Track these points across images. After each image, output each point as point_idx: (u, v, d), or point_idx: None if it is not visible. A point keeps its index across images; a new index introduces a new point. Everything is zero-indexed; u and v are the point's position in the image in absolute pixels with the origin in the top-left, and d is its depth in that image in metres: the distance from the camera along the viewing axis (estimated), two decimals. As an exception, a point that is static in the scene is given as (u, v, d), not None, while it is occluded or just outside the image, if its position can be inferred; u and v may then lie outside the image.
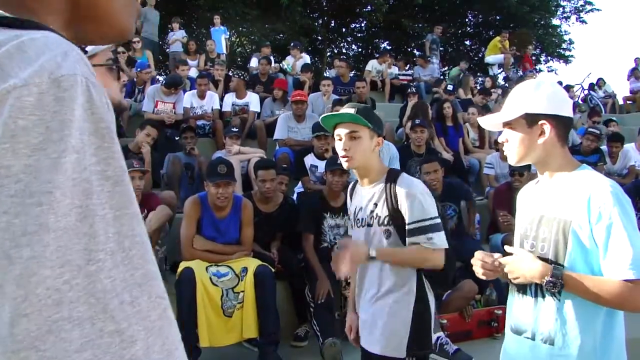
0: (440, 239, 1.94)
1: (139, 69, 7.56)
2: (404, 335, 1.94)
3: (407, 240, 1.94)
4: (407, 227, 1.94)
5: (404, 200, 1.93)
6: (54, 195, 0.44)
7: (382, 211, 1.98)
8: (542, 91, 1.58)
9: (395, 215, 1.95)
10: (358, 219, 2.10)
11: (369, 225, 2.03)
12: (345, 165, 2.01)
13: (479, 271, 1.65)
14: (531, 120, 1.55)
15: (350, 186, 2.25)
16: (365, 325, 2.08)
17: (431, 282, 2.03)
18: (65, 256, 0.44)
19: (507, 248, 1.66)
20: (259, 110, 6.86)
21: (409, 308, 1.96)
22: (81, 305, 0.45)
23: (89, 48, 1.46)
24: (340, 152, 2.00)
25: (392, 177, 1.98)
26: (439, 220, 1.94)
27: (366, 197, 2.05)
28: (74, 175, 0.46)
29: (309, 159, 5.17)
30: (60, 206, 0.45)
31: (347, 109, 2.01)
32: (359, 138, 1.97)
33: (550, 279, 1.46)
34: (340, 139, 2.00)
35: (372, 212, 2.00)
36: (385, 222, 1.97)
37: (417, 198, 1.93)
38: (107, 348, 0.45)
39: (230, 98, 6.85)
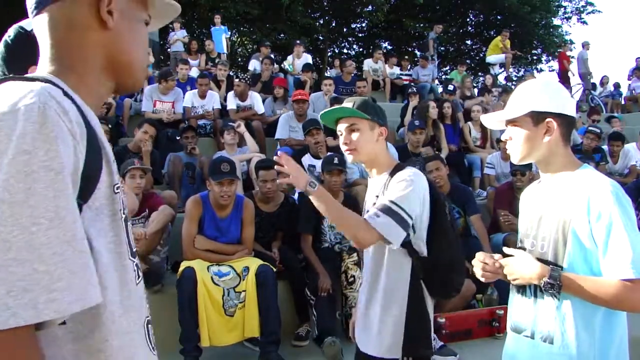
0: (384, 225, 1.77)
1: None
2: (399, 336, 1.90)
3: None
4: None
5: (393, 183, 1.87)
6: (8, 181, 0.70)
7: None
8: (549, 89, 1.59)
9: None
10: (364, 211, 2.08)
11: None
12: (350, 159, 1.98)
13: (479, 273, 1.64)
14: (537, 118, 1.55)
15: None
16: (360, 325, 2.05)
17: (429, 290, 1.96)
18: (16, 219, 0.70)
19: (505, 249, 1.66)
20: (263, 110, 6.85)
21: (403, 308, 1.91)
22: (24, 251, 0.69)
23: None
24: (343, 147, 1.98)
25: (395, 170, 1.94)
26: (402, 213, 1.79)
27: (372, 188, 2.03)
28: (25, 168, 0.71)
29: (306, 159, 5.17)
30: (12, 188, 0.70)
31: (346, 104, 1.99)
32: (358, 130, 1.94)
33: (548, 280, 1.46)
34: (341, 134, 1.98)
35: (374, 204, 1.94)
36: None
37: (401, 183, 1.85)
38: (39, 282, 0.70)
39: (233, 99, 6.83)
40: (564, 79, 12.93)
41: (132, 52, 0.97)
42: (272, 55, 10.62)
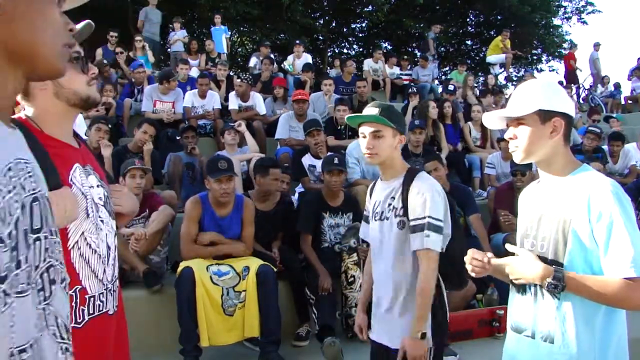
0: (437, 242, 1.99)
1: (133, 69, 7.71)
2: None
3: (411, 236, 2.03)
4: (410, 222, 2.03)
5: (414, 196, 2.03)
6: None
7: (398, 203, 2.08)
8: (554, 89, 1.61)
9: (407, 209, 2.05)
10: (376, 212, 2.19)
11: (386, 218, 2.12)
12: (368, 160, 2.13)
13: (468, 267, 1.67)
14: (544, 116, 1.56)
15: (370, 185, 2.35)
16: (382, 322, 2.14)
17: (446, 281, 2.12)
18: None
19: (508, 247, 1.66)
20: (264, 111, 6.85)
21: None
22: None
23: None
24: (365, 150, 2.11)
25: (411, 174, 2.10)
26: (440, 223, 2.00)
27: (386, 190, 2.15)
28: None
29: (307, 159, 5.17)
30: None
31: (371, 108, 2.10)
32: (382, 137, 2.07)
33: (552, 281, 1.46)
34: (364, 137, 2.10)
35: (390, 204, 2.10)
36: (401, 214, 2.07)
37: (424, 196, 2.01)
38: None
39: (234, 99, 6.81)
40: (570, 79, 13.07)
41: (35, 36, 0.86)
42: (272, 55, 10.62)
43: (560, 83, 12.03)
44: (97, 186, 1.50)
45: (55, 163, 1.34)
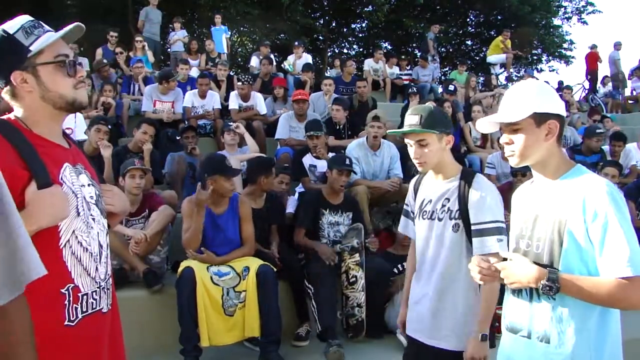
0: (505, 243, 1.99)
1: (132, 64, 7.85)
2: (474, 325, 2.05)
3: (474, 240, 2.01)
4: (473, 227, 2.01)
5: (477, 199, 2.02)
6: None
7: (454, 206, 2.07)
8: (547, 92, 1.60)
9: (464, 212, 2.04)
10: (425, 211, 2.17)
11: (439, 219, 2.10)
12: (419, 169, 2.13)
13: (476, 277, 1.65)
14: (539, 120, 1.55)
15: (414, 180, 2.33)
16: (424, 319, 2.13)
17: None
18: None
19: (501, 253, 1.66)
20: (265, 111, 6.85)
21: (477, 298, 2.08)
22: None
23: (33, 46, 1.37)
24: (414, 160, 2.12)
25: (467, 176, 2.09)
26: (504, 226, 2.00)
27: (439, 191, 2.13)
28: None
29: (307, 159, 5.17)
30: None
31: (412, 117, 2.08)
32: (427, 145, 2.07)
33: (547, 283, 1.46)
34: (411, 146, 2.11)
35: (444, 205, 2.09)
36: (456, 216, 2.06)
37: (487, 200, 2.01)
38: None
39: (235, 99, 6.80)
40: (592, 77, 13.12)
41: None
42: (272, 56, 10.62)
43: (561, 83, 12.05)
44: (88, 185, 1.50)
45: (45, 162, 1.36)
